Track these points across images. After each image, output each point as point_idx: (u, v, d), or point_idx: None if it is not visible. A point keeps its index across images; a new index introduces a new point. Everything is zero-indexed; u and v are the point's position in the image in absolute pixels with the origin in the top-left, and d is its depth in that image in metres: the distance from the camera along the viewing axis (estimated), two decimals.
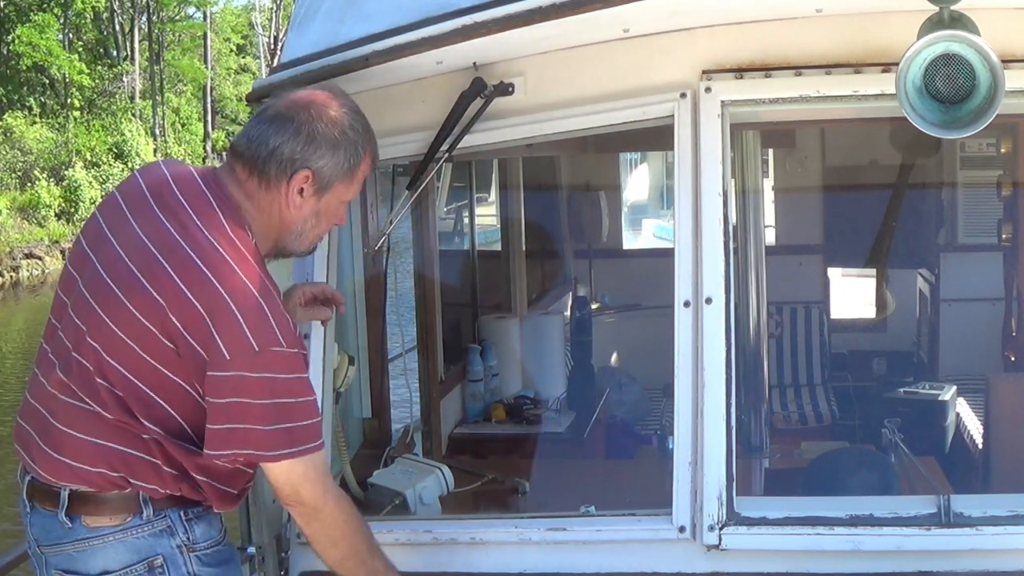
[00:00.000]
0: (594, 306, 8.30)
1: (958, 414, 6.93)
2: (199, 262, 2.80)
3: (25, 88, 42.32)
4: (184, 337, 2.78)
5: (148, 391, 2.84)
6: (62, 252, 31.86)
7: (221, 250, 2.82)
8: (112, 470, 2.87)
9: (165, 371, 2.83)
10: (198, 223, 2.86)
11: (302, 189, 2.95)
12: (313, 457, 2.90)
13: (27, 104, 41.10)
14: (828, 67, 3.32)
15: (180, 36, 52.77)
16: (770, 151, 8.42)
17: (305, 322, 3.46)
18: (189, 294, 2.77)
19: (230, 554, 3.12)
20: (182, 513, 2.95)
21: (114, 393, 2.84)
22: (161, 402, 2.85)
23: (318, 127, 2.92)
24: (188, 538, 2.95)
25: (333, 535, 3.01)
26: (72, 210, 34.91)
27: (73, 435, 2.87)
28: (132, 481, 2.88)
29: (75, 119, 41.07)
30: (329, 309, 3.48)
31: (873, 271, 7.15)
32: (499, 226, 7.72)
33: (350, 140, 2.97)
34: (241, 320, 2.75)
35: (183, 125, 49.32)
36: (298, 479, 2.89)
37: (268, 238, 3.00)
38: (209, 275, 2.79)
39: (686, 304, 3.35)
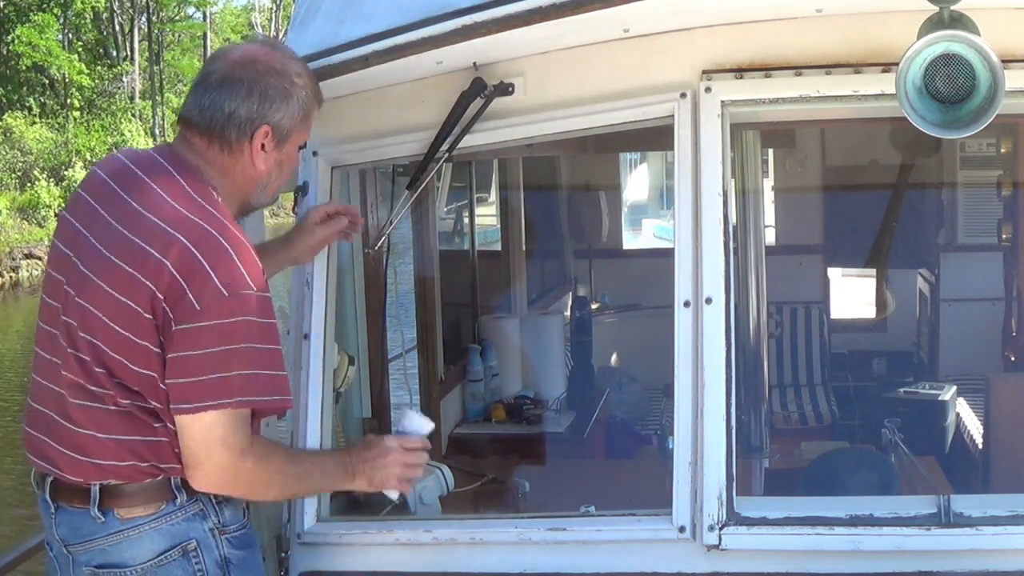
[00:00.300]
0: (594, 306, 8.30)
1: (958, 414, 6.93)
2: (161, 223, 2.82)
3: (25, 88, 42.31)
4: (161, 301, 2.78)
5: (145, 372, 2.84)
6: None
7: (180, 208, 2.85)
8: (141, 460, 2.87)
9: (149, 345, 2.81)
10: (160, 191, 2.89)
11: (263, 144, 2.98)
12: (240, 414, 2.83)
13: (27, 104, 41.08)
14: (828, 67, 3.32)
15: (180, 36, 52.78)
16: (770, 151, 8.41)
17: (331, 241, 3.52)
18: (158, 255, 2.79)
19: (253, 537, 3.14)
20: (212, 496, 2.96)
21: (119, 383, 2.84)
22: (157, 377, 2.85)
23: (268, 82, 2.95)
24: (219, 520, 2.97)
25: (264, 480, 2.96)
26: None
27: (93, 435, 2.87)
28: (162, 467, 2.89)
29: (75, 119, 41.07)
30: (347, 219, 3.50)
31: (873, 271, 7.16)
32: (499, 226, 7.71)
33: (299, 87, 3.00)
34: (208, 268, 2.76)
35: None
36: (216, 440, 2.80)
37: (234, 198, 3.03)
38: (172, 231, 2.80)
39: (686, 304, 3.35)
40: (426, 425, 3.21)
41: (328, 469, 3.13)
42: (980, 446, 6.17)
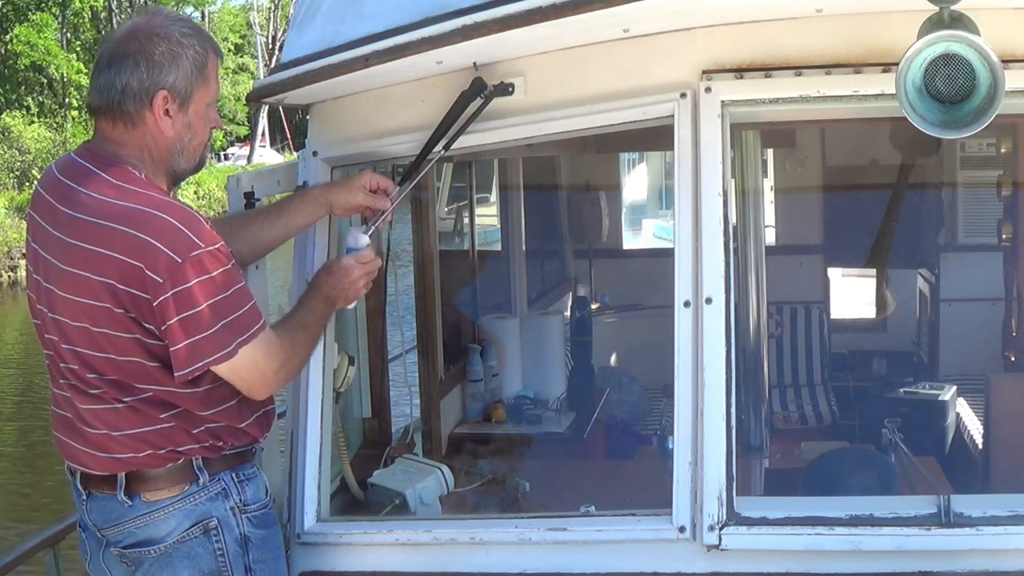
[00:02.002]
0: (594, 306, 8.29)
1: (958, 414, 6.93)
2: (96, 220, 2.89)
3: (23, 87, 42.31)
4: (130, 293, 2.86)
5: (135, 360, 2.92)
6: None
7: (108, 199, 2.90)
8: (158, 448, 2.98)
9: (127, 335, 2.90)
10: (86, 191, 2.95)
11: (167, 110, 3.01)
12: (264, 336, 2.98)
13: (25, 104, 41.08)
14: (828, 67, 3.31)
15: None
16: (770, 151, 8.40)
17: (362, 211, 3.57)
18: (101, 249, 2.86)
19: (274, 517, 3.23)
20: (234, 475, 3.08)
21: (112, 381, 2.94)
22: (147, 363, 2.93)
23: (154, 49, 2.97)
24: (240, 499, 3.08)
25: (299, 357, 3.18)
26: None
27: (108, 434, 2.98)
28: (180, 451, 2.99)
29: (73, 119, 41.04)
30: (388, 200, 3.51)
31: (873, 271, 7.14)
32: (499, 226, 7.71)
33: (186, 46, 3.02)
34: (156, 243, 2.83)
35: None
36: (263, 361, 2.98)
37: (160, 171, 3.07)
38: (107, 223, 2.87)
39: (686, 304, 3.35)
40: (366, 238, 3.41)
41: (319, 311, 3.26)
42: (980, 446, 6.16)
